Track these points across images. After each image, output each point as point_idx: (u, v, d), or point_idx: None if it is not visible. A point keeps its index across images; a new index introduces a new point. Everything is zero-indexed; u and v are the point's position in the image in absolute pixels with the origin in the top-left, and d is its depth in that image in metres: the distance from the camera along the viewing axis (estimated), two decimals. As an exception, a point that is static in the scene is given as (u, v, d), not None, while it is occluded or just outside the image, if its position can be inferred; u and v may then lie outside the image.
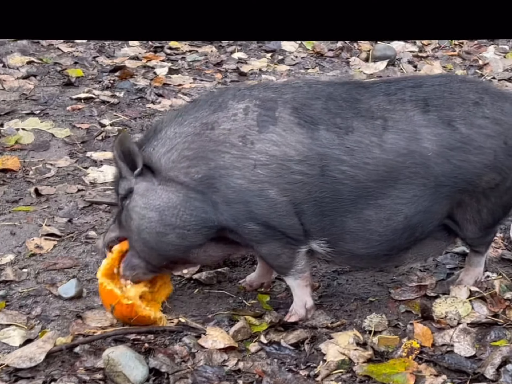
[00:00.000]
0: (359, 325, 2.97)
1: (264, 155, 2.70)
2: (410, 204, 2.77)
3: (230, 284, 3.23)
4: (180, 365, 2.67)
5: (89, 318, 2.88)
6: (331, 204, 2.76)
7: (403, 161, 2.73)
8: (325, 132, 2.72)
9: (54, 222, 3.57)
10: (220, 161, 2.71)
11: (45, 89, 5.25)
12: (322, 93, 2.80)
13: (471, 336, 2.88)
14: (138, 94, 5.35)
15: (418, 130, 2.74)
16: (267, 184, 2.71)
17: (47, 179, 4.01)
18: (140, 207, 2.79)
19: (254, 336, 2.88)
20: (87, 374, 2.56)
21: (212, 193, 2.75)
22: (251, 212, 2.74)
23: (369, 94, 2.81)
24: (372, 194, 2.76)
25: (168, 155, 2.77)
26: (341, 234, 2.83)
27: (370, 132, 2.72)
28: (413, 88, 2.82)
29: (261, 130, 2.71)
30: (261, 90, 2.82)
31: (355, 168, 2.71)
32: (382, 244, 2.86)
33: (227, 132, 2.72)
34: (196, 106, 2.84)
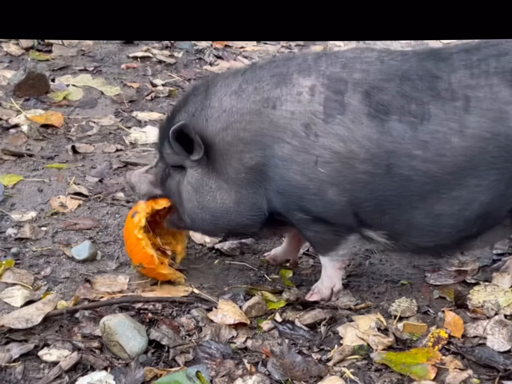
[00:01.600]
0: (386, 309, 2.76)
1: (328, 152, 2.45)
2: (487, 190, 2.48)
3: (253, 256, 3.07)
4: (184, 339, 2.53)
5: (98, 282, 2.78)
6: (395, 201, 2.50)
7: (486, 146, 2.42)
8: (397, 124, 2.42)
9: (84, 180, 3.49)
10: (279, 151, 2.48)
11: (103, 47, 5.18)
12: (397, 72, 2.48)
13: (507, 329, 2.62)
14: (197, 55, 5.22)
15: (505, 108, 2.40)
16: (326, 183, 2.48)
17: (88, 137, 3.94)
18: (193, 204, 2.67)
19: (269, 313, 2.72)
20: (83, 341, 2.46)
21: (265, 181, 2.55)
22: (304, 206, 2.55)
23: (448, 69, 2.47)
24: (446, 187, 2.47)
25: (222, 135, 2.55)
26: (406, 229, 2.58)
27: (450, 118, 2.41)
28: (498, 57, 2.48)
29: (327, 120, 2.45)
30: (329, 64, 2.52)
31: (428, 163, 2.43)
32: (453, 235, 2.59)
33: (289, 116, 2.47)
34: (256, 74, 2.57)
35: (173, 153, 2.65)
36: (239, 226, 2.69)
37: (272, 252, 3.04)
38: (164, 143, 2.68)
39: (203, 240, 3.10)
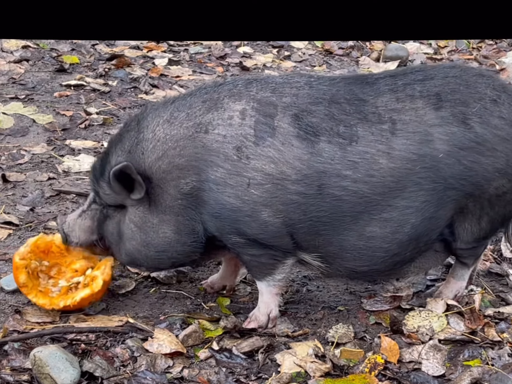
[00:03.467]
0: (323, 335, 2.75)
1: (260, 174, 2.47)
2: (417, 212, 2.52)
3: (190, 284, 3.03)
4: (118, 370, 2.47)
5: (29, 313, 2.70)
6: (328, 222, 2.52)
7: (413, 168, 2.47)
8: (326, 145, 2.46)
9: (15, 209, 3.40)
10: (212, 175, 2.49)
11: (35, 74, 5.10)
12: (325, 96, 2.53)
13: (442, 353, 2.64)
14: (132, 84, 5.18)
15: (430, 131, 2.48)
16: (259, 205, 2.49)
17: (19, 165, 3.85)
18: (137, 242, 2.63)
19: (206, 342, 2.68)
20: (13, 374, 2.37)
21: (200, 205, 2.54)
22: (239, 229, 2.54)
23: (374, 93, 2.54)
24: (376, 207, 2.51)
25: (158, 164, 2.53)
26: (339, 252, 2.60)
27: (377, 140, 2.47)
28: (423, 82, 2.55)
29: (258, 143, 2.47)
30: (259, 89, 2.55)
31: (358, 183, 2.47)
32: (386, 259, 2.61)
33: (221, 140, 2.48)
34: (187, 101, 2.58)
35: (113, 193, 2.61)
36: (182, 256, 2.66)
37: (209, 279, 3.00)
38: (101, 183, 2.62)
39: (138, 269, 3.04)
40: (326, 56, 6.22)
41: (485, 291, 3.03)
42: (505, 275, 3.16)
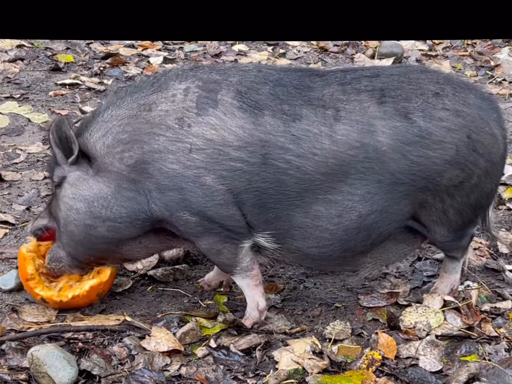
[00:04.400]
0: (320, 332, 2.75)
1: (201, 139, 2.50)
2: (364, 202, 2.55)
3: (187, 282, 3.02)
4: (116, 368, 2.47)
5: (25, 312, 2.69)
6: (274, 195, 2.54)
7: (356, 155, 2.51)
8: (270, 118, 2.51)
9: (11, 209, 3.39)
10: (154, 144, 2.52)
11: (30, 74, 5.09)
12: (271, 78, 2.58)
13: (439, 349, 2.65)
14: (127, 82, 5.16)
15: (373, 122, 2.52)
16: (203, 170, 2.51)
17: (14, 165, 3.84)
18: (68, 196, 2.61)
19: (204, 340, 2.67)
20: (10, 373, 2.37)
21: (145, 179, 2.55)
22: (186, 200, 2.53)
23: (322, 83, 2.59)
24: (321, 187, 2.53)
25: (103, 140, 2.58)
26: (288, 229, 2.60)
27: (320, 122, 2.51)
28: (370, 78, 2.60)
29: (199, 113, 2.51)
30: (207, 71, 2.61)
31: (301, 159, 2.50)
32: (334, 244, 2.63)
33: (163, 114, 2.53)
34: (137, 87, 2.64)
35: (56, 168, 2.66)
36: (117, 218, 2.59)
37: (206, 277, 3.01)
38: (52, 164, 2.69)
39: (135, 267, 3.04)
40: (321, 54, 6.21)
41: (482, 287, 3.03)
42: (502, 270, 3.17)
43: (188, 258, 3.16)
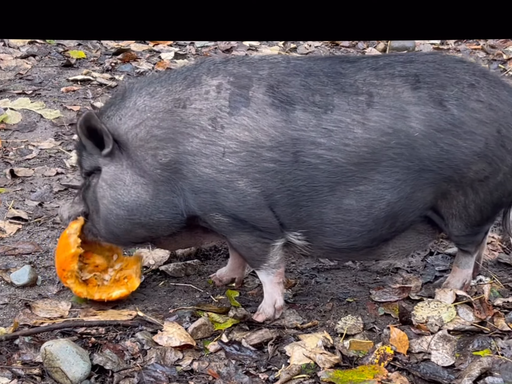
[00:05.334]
0: (332, 327, 2.75)
1: (234, 142, 2.50)
2: (393, 189, 2.54)
3: (199, 277, 3.03)
4: (128, 363, 2.48)
5: (38, 307, 2.71)
6: (306, 193, 2.54)
7: (388, 141, 2.50)
8: (301, 113, 2.50)
9: (23, 204, 3.41)
10: (188, 146, 2.53)
11: (42, 70, 5.11)
12: (302, 68, 2.57)
13: (451, 344, 2.64)
14: (138, 78, 5.16)
15: (406, 108, 2.51)
16: (236, 174, 2.51)
17: (27, 161, 3.86)
18: (107, 199, 2.63)
19: (216, 334, 2.68)
20: (24, 368, 2.38)
21: (179, 179, 2.56)
22: (219, 203, 2.55)
23: (354, 69, 2.57)
24: (352, 179, 2.53)
25: (136, 131, 2.57)
26: (320, 227, 2.61)
27: (353, 110, 2.50)
28: (404, 63, 2.59)
29: (232, 113, 2.51)
30: (236, 65, 2.59)
31: (333, 151, 2.49)
32: (363, 235, 2.62)
33: (197, 113, 2.53)
34: (170, 78, 2.63)
35: (87, 156, 2.66)
36: (156, 223, 2.63)
37: (218, 272, 3.01)
38: (81, 151, 2.69)
39: (147, 262, 3.05)
40: (333, 48, 6.20)
41: (494, 281, 3.02)
42: (514, 264, 3.16)
43: (200, 253, 3.17)
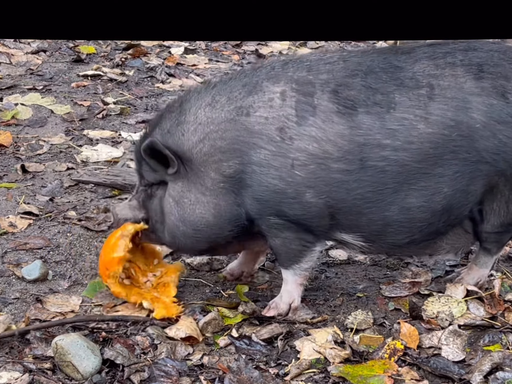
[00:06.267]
0: (342, 322, 2.75)
1: (304, 154, 2.47)
2: (450, 181, 2.50)
3: (209, 272, 3.03)
4: (139, 357, 2.49)
5: (49, 302, 2.72)
6: (371, 198, 2.52)
7: (449, 134, 2.46)
8: (365, 116, 2.46)
9: (34, 200, 3.43)
10: (255, 157, 2.49)
11: (52, 65, 5.12)
12: (360, 67, 2.52)
13: (462, 338, 2.64)
14: (148, 73, 5.19)
15: (468, 99, 2.46)
16: (304, 187, 2.49)
17: (38, 156, 3.88)
18: (175, 216, 2.64)
19: (226, 329, 2.68)
20: (35, 362, 2.40)
21: (242, 188, 2.54)
22: (281, 211, 2.55)
23: (411, 60, 2.52)
24: (415, 176, 2.49)
25: (200, 147, 2.55)
26: (382, 229, 2.59)
27: (415, 105, 2.46)
28: (466, 52, 2.53)
29: (300, 122, 2.47)
30: (296, 70, 2.55)
31: (399, 151, 2.46)
32: (423, 230, 2.60)
33: (263, 121, 2.49)
34: (228, 85, 2.59)
35: (151, 171, 2.66)
36: (220, 239, 2.67)
37: (228, 266, 3.01)
38: (142, 162, 2.68)
39: (163, 254, 3.05)
40: (343, 42, 6.18)
41: (505, 276, 3.01)
42: (526, 260, 3.14)
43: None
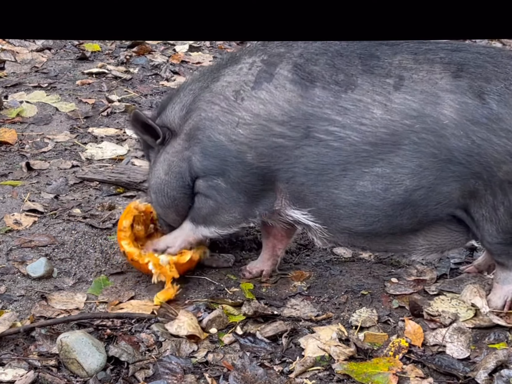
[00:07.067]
0: (346, 319, 2.75)
1: (249, 114, 2.58)
2: (413, 175, 2.49)
3: (213, 270, 3.03)
4: (143, 354, 2.49)
5: (54, 299, 2.73)
6: (315, 170, 2.55)
7: (412, 125, 2.45)
8: (320, 90, 2.51)
9: (39, 197, 3.43)
10: (209, 112, 2.64)
11: (57, 63, 5.13)
12: (333, 48, 2.57)
13: (466, 336, 2.63)
14: (153, 70, 5.19)
15: (440, 94, 2.45)
16: (246, 147, 2.59)
17: (42, 153, 3.88)
18: (152, 178, 2.86)
19: (230, 326, 2.69)
20: (40, 359, 2.40)
21: (193, 145, 2.68)
22: (226, 170, 2.63)
23: (391, 51, 2.54)
24: (368, 159, 2.50)
25: (180, 114, 2.75)
26: (332, 209, 2.61)
27: (375, 91, 2.47)
28: (450, 51, 2.53)
29: (254, 87, 2.59)
30: (275, 45, 2.68)
31: (347, 129, 2.49)
32: (381, 220, 2.60)
33: (226, 85, 2.64)
34: (220, 63, 2.77)
35: (151, 149, 2.89)
36: (174, 201, 2.80)
37: (248, 264, 3.00)
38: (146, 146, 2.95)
39: (162, 255, 3.05)
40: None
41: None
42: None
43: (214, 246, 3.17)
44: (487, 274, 2.96)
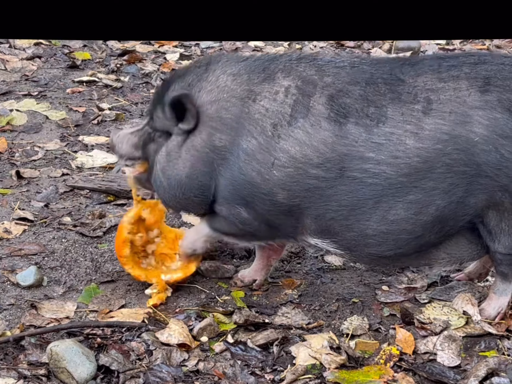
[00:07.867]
0: (337, 327, 2.75)
1: (285, 156, 2.51)
2: (444, 194, 2.47)
3: (204, 278, 3.02)
4: (134, 363, 2.48)
5: (44, 308, 2.71)
6: (347, 207, 2.52)
7: (443, 148, 2.43)
8: (353, 126, 2.47)
9: (29, 205, 3.42)
10: (245, 143, 2.55)
11: (48, 71, 5.12)
12: (363, 75, 2.52)
13: (457, 344, 2.63)
14: (143, 79, 5.19)
15: (469, 113, 2.42)
16: (278, 188, 2.53)
17: (33, 162, 3.87)
18: (160, 166, 2.72)
19: (221, 335, 2.68)
20: (30, 369, 2.39)
21: (222, 166, 2.60)
22: (252, 203, 2.59)
23: (414, 73, 2.50)
24: (401, 189, 2.47)
25: (207, 107, 2.62)
26: (360, 239, 2.58)
27: (406, 120, 2.44)
28: (474, 65, 2.49)
29: (291, 123, 2.51)
30: (307, 66, 2.59)
31: (381, 165, 2.45)
32: (410, 242, 2.57)
33: (263, 112, 2.54)
34: (253, 64, 2.65)
35: (164, 118, 2.70)
36: (187, 202, 2.72)
37: (240, 273, 2.99)
38: (157, 107, 2.73)
39: (153, 263, 3.05)
40: (338, 49, 6.19)
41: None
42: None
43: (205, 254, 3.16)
44: (477, 282, 2.97)
